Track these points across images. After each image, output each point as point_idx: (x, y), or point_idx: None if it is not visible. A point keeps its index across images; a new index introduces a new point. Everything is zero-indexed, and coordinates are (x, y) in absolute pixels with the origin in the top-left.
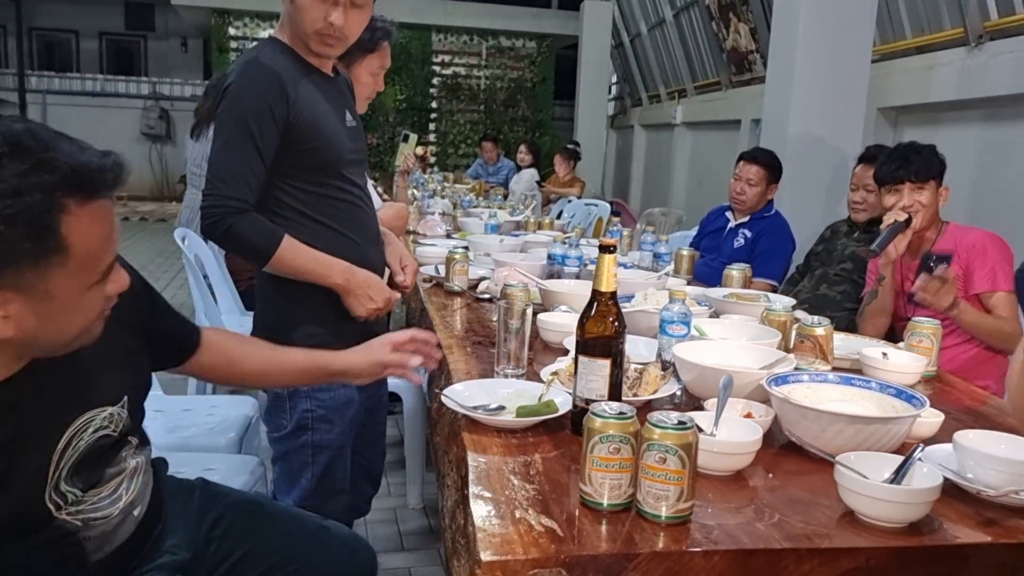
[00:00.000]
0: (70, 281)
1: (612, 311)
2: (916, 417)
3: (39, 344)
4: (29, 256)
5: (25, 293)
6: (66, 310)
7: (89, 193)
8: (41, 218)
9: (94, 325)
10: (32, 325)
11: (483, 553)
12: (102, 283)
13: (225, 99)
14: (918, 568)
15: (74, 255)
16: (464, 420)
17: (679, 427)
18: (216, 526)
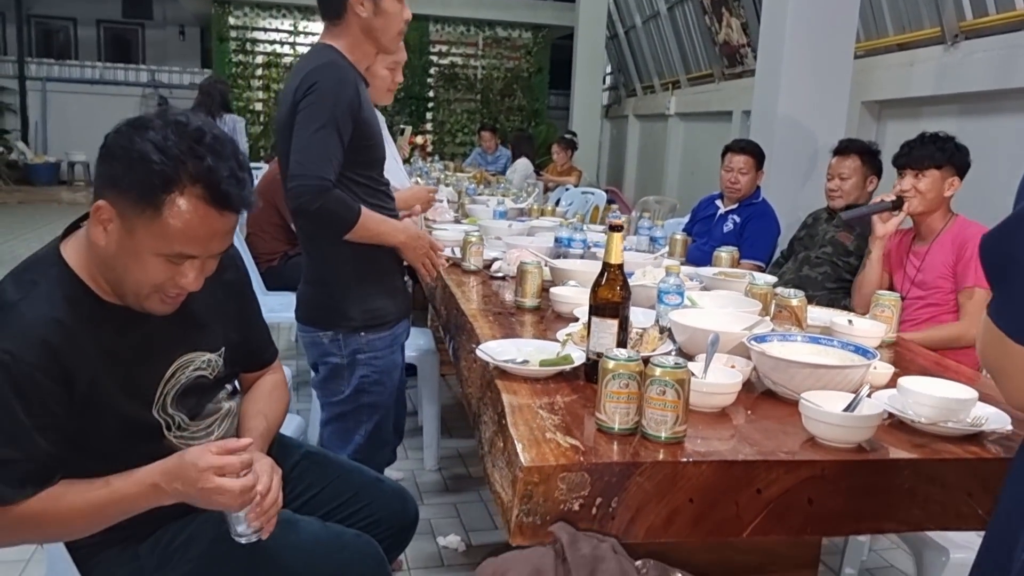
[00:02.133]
0: (148, 237)
1: (620, 279)
2: (868, 366)
3: (113, 273)
4: (136, 200)
5: (121, 219)
6: (134, 255)
7: (209, 197)
8: (161, 183)
9: (152, 295)
10: (112, 249)
11: (524, 460)
12: (171, 262)
13: (314, 93)
14: (862, 476)
15: (162, 223)
16: (495, 371)
17: (675, 367)
18: (292, 470)
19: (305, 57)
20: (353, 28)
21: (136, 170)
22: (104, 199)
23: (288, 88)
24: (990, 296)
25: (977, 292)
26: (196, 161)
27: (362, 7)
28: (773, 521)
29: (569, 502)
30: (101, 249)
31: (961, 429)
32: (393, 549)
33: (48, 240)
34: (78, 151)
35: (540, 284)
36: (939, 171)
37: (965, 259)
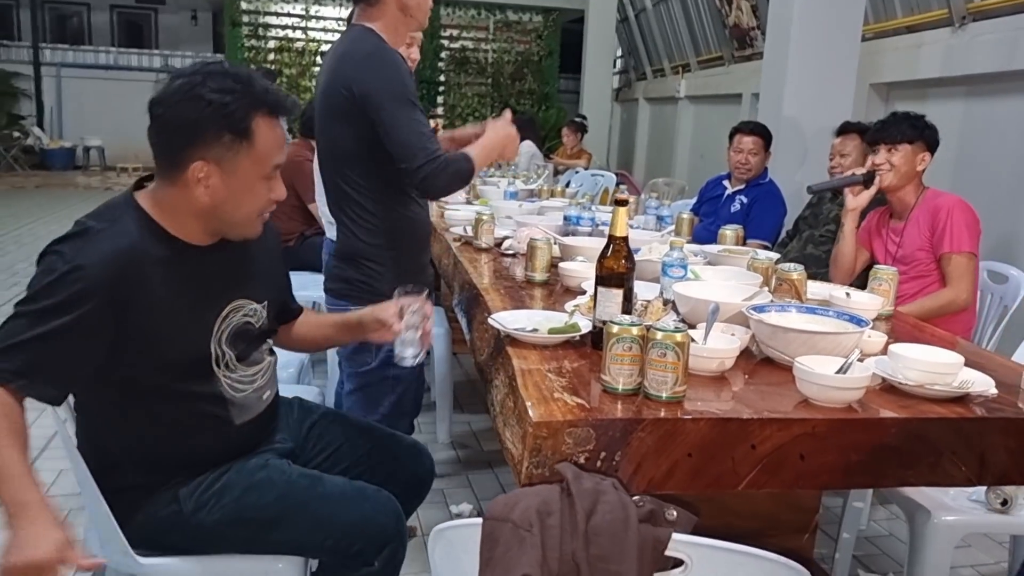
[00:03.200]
0: (251, 166)
1: (624, 251)
2: (860, 333)
3: (221, 217)
4: (230, 140)
5: (221, 168)
6: (243, 189)
7: (271, 111)
8: (242, 117)
9: (257, 220)
10: (221, 196)
11: (533, 416)
12: (268, 180)
13: (381, 80)
14: (851, 433)
15: (257, 147)
16: (507, 338)
17: (675, 331)
18: (312, 429)
19: (343, 42)
20: (389, 7)
21: (219, 117)
22: (195, 160)
23: (339, 75)
24: (970, 258)
25: (954, 257)
26: (249, 89)
27: None
28: (767, 475)
29: (575, 455)
30: (205, 205)
31: (948, 391)
32: (411, 500)
33: (67, 224)
34: (93, 136)
35: (549, 259)
36: (911, 146)
37: (939, 228)
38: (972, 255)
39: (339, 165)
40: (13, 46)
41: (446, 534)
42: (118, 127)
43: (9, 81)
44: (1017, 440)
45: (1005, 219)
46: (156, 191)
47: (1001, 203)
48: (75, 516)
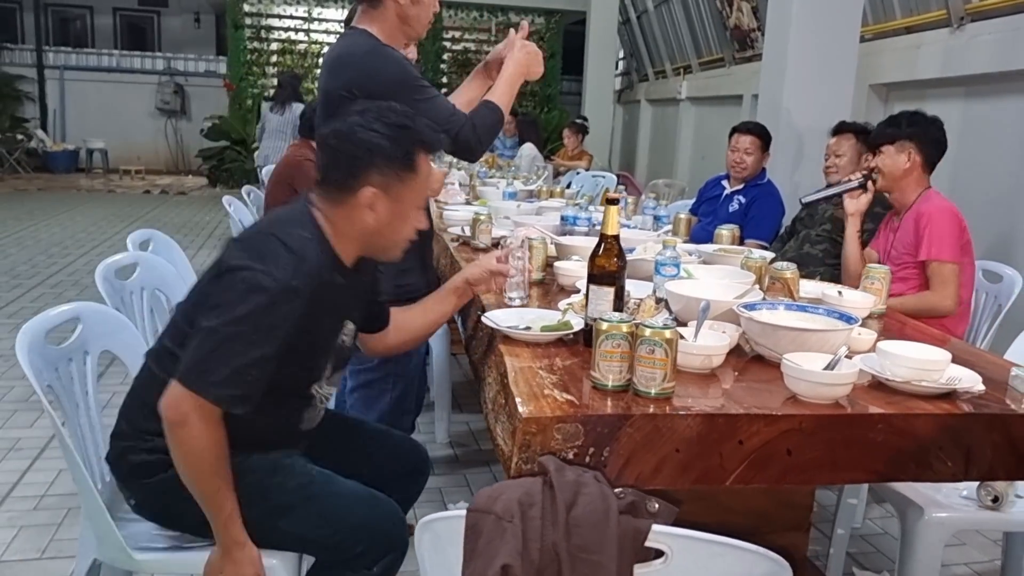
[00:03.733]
0: (412, 195)
1: (616, 250)
2: (848, 331)
3: (378, 241)
4: (400, 170)
5: (388, 195)
6: (403, 216)
7: (429, 148)
8: (411, 150)
9: (403, 245)
10: (384, 221)
11: (523, 412)
12: (419, 211)
13: (383, 76)
14: (837, 429)
15: (419, 178)
16: (499, 336)
17: (664, 328)
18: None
19: (341, 44)
20: (389, 14)
21: (393, 150)
22: (367, 186)
23: (339, 77)
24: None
25: (933, 264)
26: (416, 126)
27: None
28: (755, 470)
29: (564, 451)
30: (370, 227)
31: (934, 387)
32: (409, 492)
33: (69, 226)
34: (96, 138)
35: (545, 258)
36: (892, 146)
37: (919, 234)
38: (955, 263)
39: None
40: (16, 49)
41: (432, 526)
42: (121, 130)
43: (12, 84)
44: (1003, 436)
45: (1003, 219)
46: (326, 211)
47: (999, 203)
48: (75, 515)
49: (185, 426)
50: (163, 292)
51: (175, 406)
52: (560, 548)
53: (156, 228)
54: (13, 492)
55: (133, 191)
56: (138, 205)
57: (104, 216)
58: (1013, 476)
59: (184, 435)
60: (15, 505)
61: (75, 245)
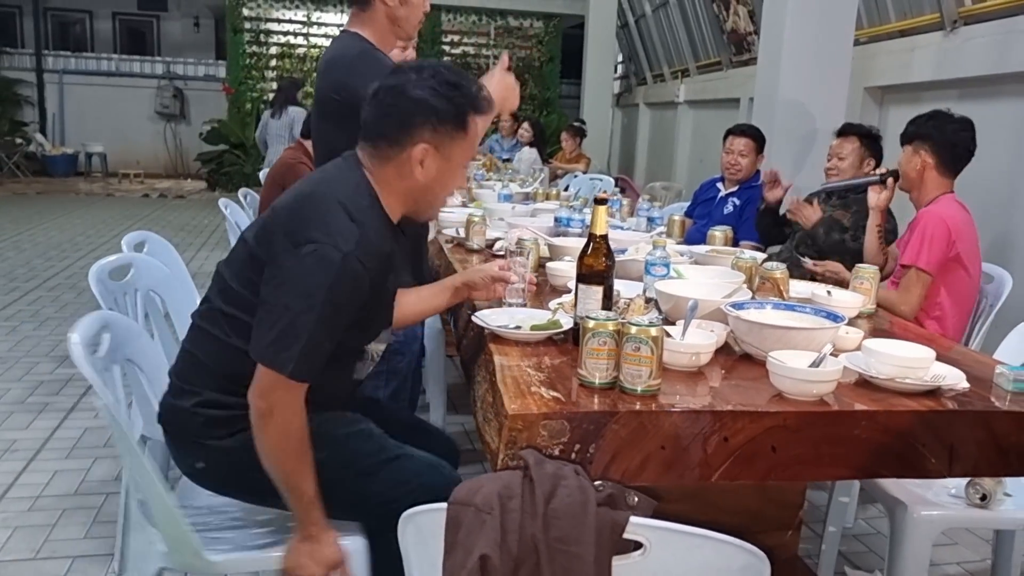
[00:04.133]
0: (461, 153)
1: (604, 249)
2: (834, 329)
3: (425, 197)
4: (452, 129)
5: (439, 151)
6: (449, 173)
7: (479, 110)
8: (463, 110)
9: (442, 203)
10: (432, 177)
11: (509, 409)
12: (463, 170)
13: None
14: (821, 426)
15: (468, 138)
16: (489, 335)
17: (649, 325)
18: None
19: (335, 47)
20: (380, 15)
21: (447, 109)
22: (420, 142)
23: (328, 80)
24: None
25: (910, 271)
26: (469, 87)
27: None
28: (740, 467)
29: (550, 447)
30: (419, 183)
31: (918, 385)
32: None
33: (68, 230)
34: (95, 142)
35: (537, 259)
36: (910, 146)
37: (910, 238)
38: (925, 273)
39: None
40: (16, 53)
41: (415, 519)
42: (120, 133)
43: (12, 88)
44: (986, 432)
45: (998, 221)
46: (374, 170)
47: (994, 205)
48: (69, 516)
49: (275, 413)
50: (157, 293)
51: (266, 393)
52: (538, 539)
53: (154, 231)
54: (8, 493)
55: (132, 195)
56: (136, 208)
57: (102, 219)
58: (997, 472)
59: (272, 422)
60: (10, 506)
61: (72, 248)
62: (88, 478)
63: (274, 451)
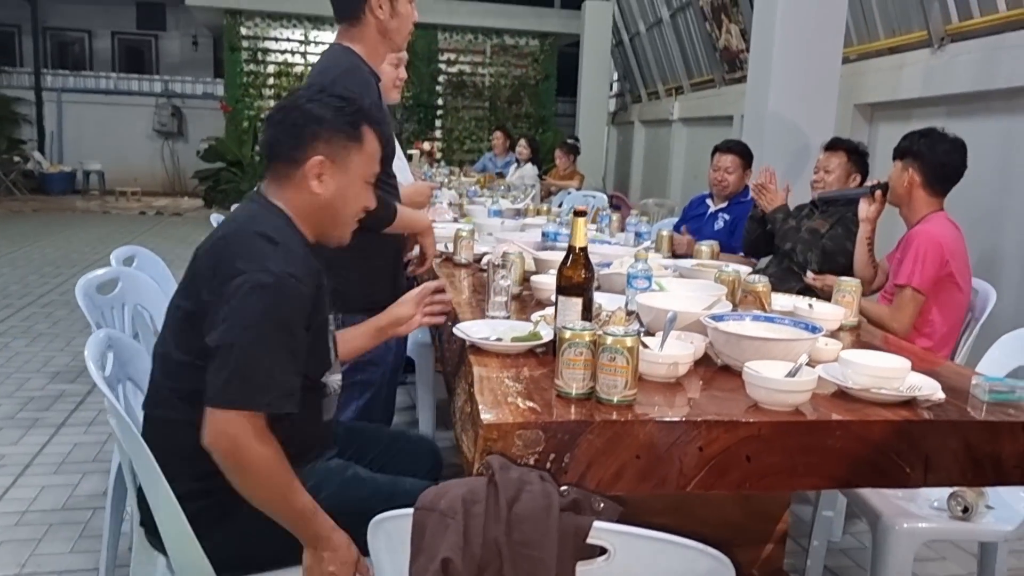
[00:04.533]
0: (359, 166)
1: (583, 261)
2: (811, 340)
3: (329, 214)
4: (345, 140)
5: (335, 163)
6: (350, 186)
7: (372, 124)
8: (356, 119)
9: (352, 224)
10: (332, 191)
11: (484, 419)
12: (367, 186)
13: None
14: (796, 436)
15: (365, 150)
16: (470, 347)
17: (625, 335)
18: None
19: (324, 60)
20: (370, 29)
21: (338, 120)
22: (316, 155)
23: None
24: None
25: (902, 290)
26: (360, 102)
27: (380, 9)
28: (714, 477)
29: (525, 457)
30: (320, 198)
31: (894, 395)
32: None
33: (64, 247)
34: (93, 160)
35: (522, 272)
36: (900, 162)
37: (902, 255)
38: (919, 292)
39: None
40: (15, 72)
41: (384, 526)
42: (118, 151)
43: (10, 106)
44: (961, 442)
45: (986, 235)
46: (279, 195)
47: (981, 220)
48: (56, 531)
49: (240, 449)
50: (145, 308)
51: (221, 433)
52: (501, 543)
53: (148, 248)
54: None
55: (128, 212)
56: (133, 226)
57: (98, 236)
58: (972, 483)
59: (242, 459)
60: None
61: (67, 265)
62: (76, 493)
63: (258, 486)
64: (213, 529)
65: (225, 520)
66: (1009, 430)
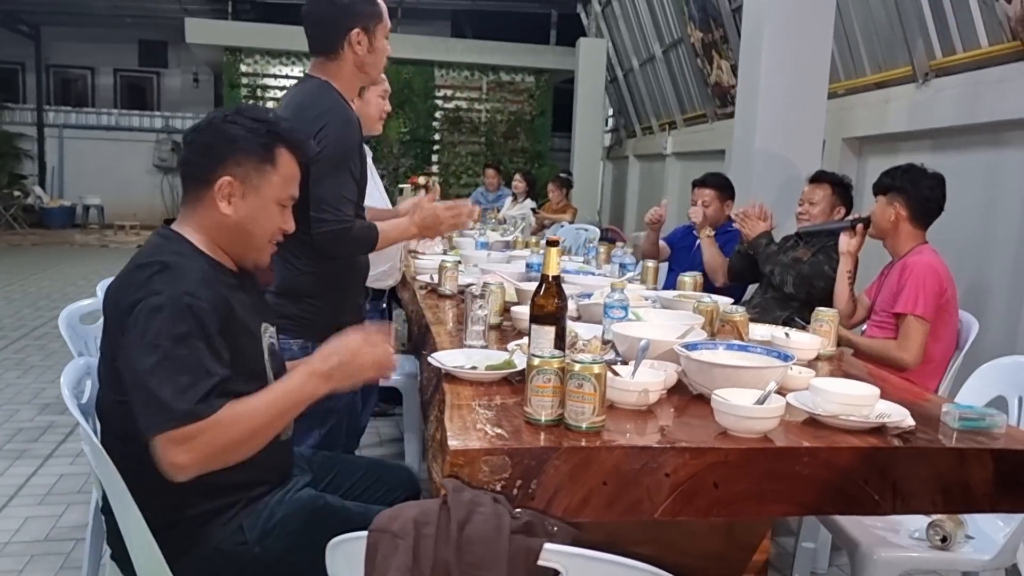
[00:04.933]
0: (271, 188)
1: (555, 290)
2: (782, 368)
3: (241, 235)
4: (257, 161)
5: (246, 185)
6: (262, 208)
7: (291, 148)
8: (269, 143)
9: (268, 246)
10: (242, 212)
11: (451, 444)
12: (283, 209)
13: (327, 138)
14: (763, 462)
15: (278, 171)
16: (445, 375)
17: (592, 363)
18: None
19: (301, 95)
20: (347, 63)
21: (251, 140)
22: (224, 176)
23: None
24: (920, 322)
25: (905, 318)
26: (278, 125)
27: (359, 45)
28: (682, 503)
29: (492, 483)
30: (230, 219)
31: (863, 423)
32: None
33: (60, 281)
34: (93, 195)
35: (502, 303)
36: (884, 197)
37: (900, 286)
38: (925, 320)
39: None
40: (18, 108)
41: (341, 547)
42: (118, 186)
43: (12, 142)
44: (929, 469)
45: (972, 267)
46: (189, 220)
47: (967, 252)
48: (37, 562)
49: (191, 465)
50: None
51: (168, 464)
52: (451, 564)
53: None
54: None
55: (127, 246)
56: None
57: (94, 270)
58: (942, 510)
59: (204, 466)
60: None
61: (62, 298)
62: (59, 524)
63: (238, 448)
64: (183, 559)
65: (195, 549)
66: (977, 457)
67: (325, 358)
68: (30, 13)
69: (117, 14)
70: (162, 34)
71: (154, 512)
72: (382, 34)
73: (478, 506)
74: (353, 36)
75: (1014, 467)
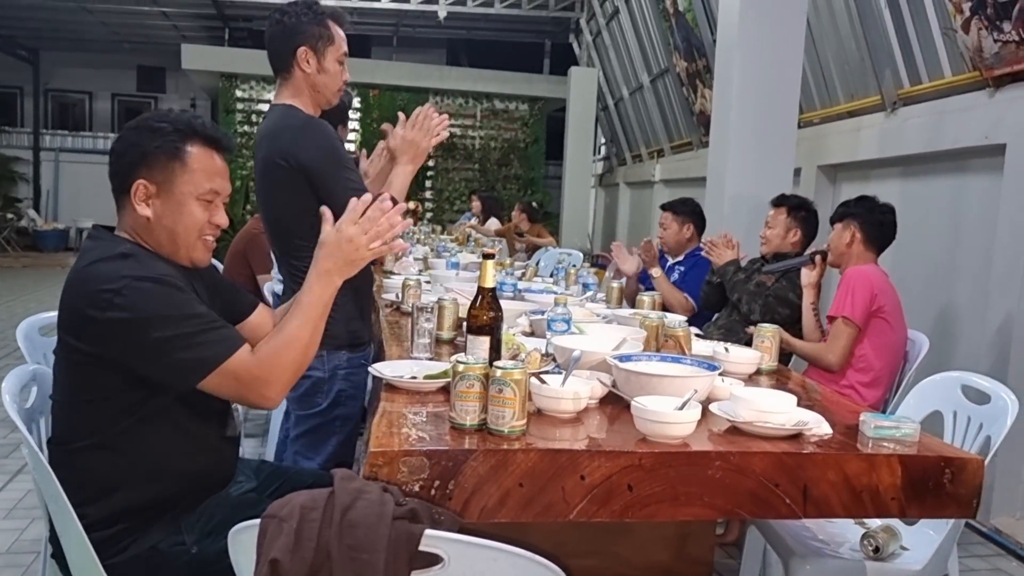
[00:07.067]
0: (185, 184)
1: (491, 302)
2: (708, 376)
3: (164, 234)
4: (166, 160)
5: (159, 186)
6: (180, 205)
7: (206, 142)
8: (177, 141)
9: (198, 242)
10: (159, 212)
11: (372, 447)
12: (206, 204)
13: (317, 149)
14: (676, 466)
15: (189, 168)
16: (385, 385)
17: (512, 368)
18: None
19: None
20: (300, 82)
21: (156, 140)
22: (137, 180)
23: (274, 149)
24: (845, 322)
25: (836, 322)
26: (187, 122)
27: (308, 64)
28: (597, 505)
29: (411, 483)
30: (151, 222)
31: (778, 429)
32: None
33: (48, 302)
34: (87, 218)
35: (456, 319)
36: (840, 223)
37: (838, 292)
38: (851, 324)
39: (287, 237)
40: (14, 132)
41: (240, 536)
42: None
43: (8, 165)
44: (839, 474)
45: (939, 291)
46: (121, 227)
47: (934, 275)
48: None
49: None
50: None
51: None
52: (332, 547)
53: None
54: None
55: None
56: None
57: None
58: (852, 514)
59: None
60: None
61: None
62: (22, 538)
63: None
64: (119, 557)
65: (132, 548)
66: (886, 463)
67: (325, 257)
68: (29, 38)
69: (116, 40)
70: (161, 60)
71: (97, 510)
72: (333, 57)
73: (364, 493)
74: (300, 54)
75: (923, 474)
